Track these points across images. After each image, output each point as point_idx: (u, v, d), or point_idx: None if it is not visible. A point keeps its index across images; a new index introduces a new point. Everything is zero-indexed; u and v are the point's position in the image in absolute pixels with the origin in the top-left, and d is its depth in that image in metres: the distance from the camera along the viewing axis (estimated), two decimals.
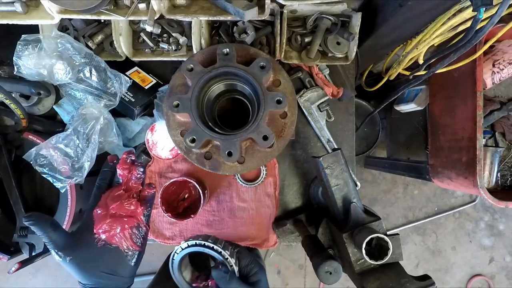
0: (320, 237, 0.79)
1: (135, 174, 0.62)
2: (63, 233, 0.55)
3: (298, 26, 0.84)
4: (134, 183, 0.62)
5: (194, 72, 0.70)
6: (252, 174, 0.93)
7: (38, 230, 0.53)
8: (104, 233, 0.56)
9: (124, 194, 0.60)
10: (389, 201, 2.25)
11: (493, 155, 1.17)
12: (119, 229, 0.57)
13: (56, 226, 0.55)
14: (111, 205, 0.58)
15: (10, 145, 0.81)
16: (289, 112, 0.73)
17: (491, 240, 2.23)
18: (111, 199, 0.58)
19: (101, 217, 0.57)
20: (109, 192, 0.61)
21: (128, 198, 0.59)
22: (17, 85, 0.79)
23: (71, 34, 0.79)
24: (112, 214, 0.57)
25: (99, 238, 0.56)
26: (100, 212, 0.58)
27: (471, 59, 1.00)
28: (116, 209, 0.58)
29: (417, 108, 1.48)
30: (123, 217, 0.58)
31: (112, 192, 0.60)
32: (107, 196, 0.60)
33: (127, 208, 0.58)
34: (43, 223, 0.53)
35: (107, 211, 0.57)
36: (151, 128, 0.83)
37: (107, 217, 0.57)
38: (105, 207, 0.58)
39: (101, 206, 0.58)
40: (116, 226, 0.57)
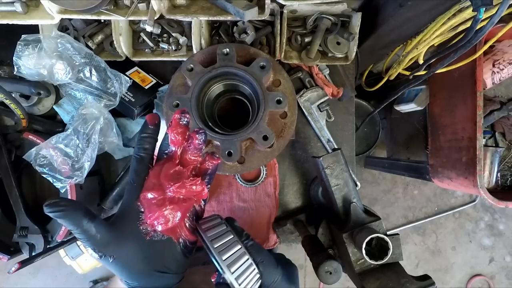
0: (320, 237, 0.79)
1: (195, 143, 0.46)
2: (103, 226, 0.42)
3: (298, 26, 0.84)
4: (192, 154, 0.47)
5: (194, 72, 0.70)
6: (252, 174, 0.93)
7: (69, 223, 0.40)
8: (161, 224, 0.44)
9: (183, 171, 0.46)
10: (389, 201, 2.25)
11: (493, 155, 1.17)
12: (179, 217, 0.45)
13: (93, 217, 0.42)
14: (169, 186, 0.44)
15: (10, 145, 0.81)
16: (289, 112, 0.73)
17: (491, 240, 2.23)
18: (168, 178, 0.44)
19: (156, 204, 0.44)
20: (158, 167, 0.46)
21: (189, 176, 0.46)
22: (17, 85, 0.79)
23: (71, 34, 0.79)
24: (171, 197, 0.44)
25: (150, 230, 0.44)
26: (155, 197, 0.44)
27: (471, 59, 1.00)
28: (177, 191, 0.44)
29: (417, 108, 1.48)
30: (183, 201, 0.45)
31: (166, 169, 0.45)
32: (157, 174, 0.45)
33: (191, 190, 0.45)
34: (75, 213, 0.40)
35: (164, 195, 0.44)
36: None
37: (165, 203, 0.44)
38: (159, 189, 0.44)
39: (154, 189, 0.44)
40: (176, 214, 0.44)
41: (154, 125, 0.47)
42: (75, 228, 0.40)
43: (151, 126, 0.47)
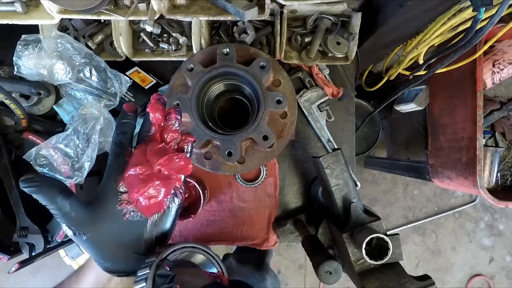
0: (320, 237, 0.79)
1: (173, 119, 0.48)
2: (79, 203, 0.43)
3: (298, 26, 0.84)
4: (171, 130, 0.48)
5: (194, 72, 0.70)
6: (252, 174, 0.93)
7: (43, 199, 0.40)
8: (146, 199, 0.44)
9: (168, 147, 0.47)
10: (389, 201, 2.25)
11: (493, 155, 1.17)
12: (162, 195, 0.45)
13: (68, 193, 0.42)
14: (157, 160, 0.44)
15: (10, 145, 0.81)
16: (289, 112, 0.73)
17: (491, 240, 2.23)
18: (154, 153, 0.45)
19: (144, 179, 0.44)
20: (142, 147, 0.47)
21: (172, 151, 0.47)
22: (17, 85, 0.79)
23: (71, 34, 0.79)
24: (158, 172, 0.45)
25: (128, 210, 0.44)
26: (142, 172, 0.44)
27: (471, 59, 1.00)
28: (165, 164, 0.45)
29: (417, 108, 1.48)
30: (167, 178, 0.45)
31: (151, 146, 0.47)
32: (142, 152, 0.46)
33: (177, 163, 0.46)
34: (49, 189, 0.40)
35: (151, 169, 0.44)
36: None
37: (153, 178, 0.44)
38: (146, 165, 0.45)
39: (141, 164, 0.44)
40: (160, 190, 0.45)
41: (132, 111, 0.50)
42: (49, 204, 0.41)
43: (130, 114, 0.49)
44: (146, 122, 0.49)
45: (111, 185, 0.45)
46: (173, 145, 0.49)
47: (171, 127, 0.49)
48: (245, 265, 0.98)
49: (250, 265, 0.99)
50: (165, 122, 0.49)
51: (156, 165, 0.45)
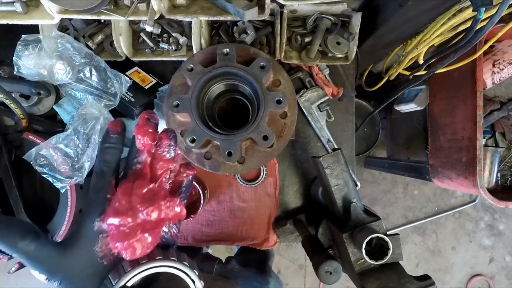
0: (320, 237, 0.79)
1: (165, 143, 0.41)
2: (49, 246, 0.37)
3: (298, 26, 0.84)
4: (162, 158, 0.41)
5: (194, 72, 0.70)
6: (252, 174, 0.93)
7: (4, 246, 0.35)
8: (129, 254, 0.38)
9: (158, 190, 0.40)
10: (389, 201, 2.25)
11: (493, 155, 1.17)
12: (150, 244, 0.39)
13: (35, 235, 0.36)
14: (143, 209, 0.38)
15: (10, 145, 0.81)
16: (289, 112, 0.73)
17: (491, 240, 2.23)
18: (140, 199, 0.39)
19: (125, 232, 0.38)
20: (127, 185, 0.40)
21: (165, 195, 0.40)
22: (17, 85, 0.79)
23: (71, 34, 0.79)
24: (143, 223, 0.38)
25: (110, 254, 0.38)
26: (125, 223, 0.38)
27: (471, 59, 1.00)
28: (151, 215, 0.39)
29: (417, 108, 1.48)
30: (155, 226, 0.39)
31: (137, 187, 0.39)
32: (127, 193, 0.39)
33: (167, 213, 0.40)
34: (7, 233, 0.35)
35: (134, 220, 0.38)
36: None
37: (137, 232, 0.38)
38: (130, 213, 0.38)
39: (123, 213, 0.38)
40: (147, 241, 0.38)
41: (117, 133, 0.41)
42: (11, 251, 0.35)
43: (113, 135, 0.41)
44: (134, 148, 0.42)
45: (90, 226, 0.39)
46: (165, 180, 0.41)
47: (163, 156, 0.41)
48: (247, 268, 0.98)
49: (253, 268, 0.99)
50: (156, 149, 0.41)
51: (141, 214, 0.38)
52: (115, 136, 0.41)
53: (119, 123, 0.42)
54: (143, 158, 0.41)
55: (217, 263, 0.99)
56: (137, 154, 0.41)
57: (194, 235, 0.93)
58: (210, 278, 0.86)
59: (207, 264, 0.97)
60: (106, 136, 0.41)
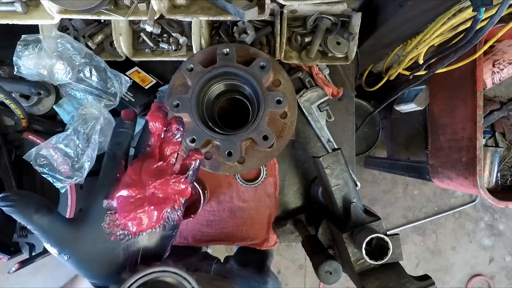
0: (320, 237, 0.79)
1: (174, 130, 0.44)
2: (61, 221, 0.40)
3: (298, 26, 0.84)
4: (171, 142, 0.45)
5: (194, 72, 0.70)
6: (252, 174, 0.93)
7: (19, 217, 0.38)
8: (136, 225, 0.41)
9: (166, 167, 0.43)
10: (389, 201, 2.25)
11: (493, 155, 1.17)
12: (155, 219, 0.42)
13: (49, 210, 0.39)
14: (151, 183, 0.41)
15: (10, 145, 0.81)
16: (289, 112, 0.73)
17: (491, 240, 2.23)
18: (149, 174, 0.42)
19: (134, 203, 0.40)
20: (137, 164, 0.43)
21: (172, 173, 0.43)
22: (17, 85, 0.79)
23: (71, 34, 0.79)
24: (150, 196, 0.41)
25: (117, 230, 0.41)
26: (132, 195, 0.40)
27: (471, 59, 1.00)
28: (159, 188, 0.41)
29: (417, 108, 1.48)
30: (162, 201, 0.42)
31: (147, 164, 0.42)
32: (137, 170, 0.42)
33: (174, 188, 0.42)
34: (25, 208, 0.38)
35: (143, 193, 0.41)
36: None
37: (144, 204, 0.41)
38: (139, 186, 0.41)
39: (133, 185, 0.41)
40: (153, 214, 0.41)
41: (130, 120, 0.45)
42: (26, 223, 0.38)
43: (126, 121, 0.45)
44: (145, 132, 0.45)
45: (99, 203, 0.41)
46: (173, 160, 0.44)
47: (172, 139, 0.45)
48: (246, 268, 0.98)
49: (251, 268, 0.99)
50: (165, 133, 0.45)
51: (149, 188, 0.41)
52: (128, 122, 0.45)
53: (132, 112, 0.46)
54: (153, 141, 0.45)
55: (216, 262, 0.99)
56: (148, 138, 0.45)
57: (194, 235, 0.93)
58: (208, 278, 0.86)
59: (205, 263, 0.97)
60: (119, 121, 0.45)
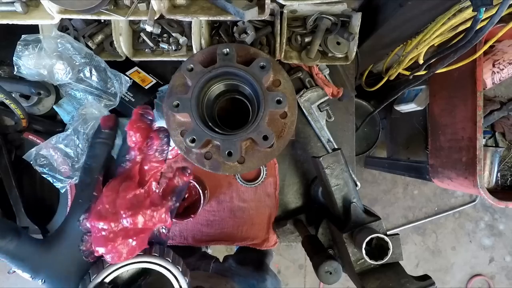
0: (320, 237, 0.79)
1: (157, 143, 0.39)
2: (32, 245, 0.37)
3: (298, 26, 0.84)
4: (153, 159, 0.39)
5: (194, 72, 0.69)
6: (252, 174, 0.93)
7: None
8: (113, 258, 0.37)
9: (144, 197, 0.38)
10: (389, 201, 2.25)
11: (493, 155, 1.17)
12: (137, 247, 0.38)
13: (16, 233, 0.36)
14: (126, 216, 0.36)
15: (10, 145, 0.81)
16: (289, 112, 0.73)
17: (491, 240, 2.23)
18: (125, 205, 0.37)
19: (107, 237, 0.36)
20: (113, 185, 0.38)
21: (150, 204, 0.38)
22: (17, 85, 0.79)
23: (71, 34, 0.79)
24: (125, 229, 0.37)
25: (94, 252, 0.37)
26: (107, 228, 0.36)
27: (471, 59, 1.00)
28: (134, 223, 0.37)
29: (417, 108, 1.48)
30: (140, 232, 0.38)
31: (123, 191, 0.37)
32: (112, 195, 0.37)
33: (151, 221, 0.38)
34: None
35: (117, 225, 0.37)
36: None
37: (119, 236, 0.36)
38: (113, 218, 0.36)
39: (105, 217, 0.36)
40: (131, 245, 0.37)
41: (109, 128, 0.40)
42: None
43: (104, 130, 0.40)
44: (125, 144, 0.40)
45: (74, 224, 0.38)
46: (155, 185, 0.39)
47: (153, 157, 0.39)
48: (244, 266, 0.98)
49: (250, 266, 0.99)
50: (147, 147, 0.39)
51: (124, 220, 0.36)
52: (106, 131, 0.40)
53: (112, 118, 0.41)
54: (133, 156, 0.39)
55: (214, 261, 0.99)
56: (128, 151, 0.39)
57: (194, 235, 0.93)
58: (205, 276, 0.86)
59: (203, 262, 0.97)
60: (97, 130, 0.40)
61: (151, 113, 0.40)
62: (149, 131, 0.39)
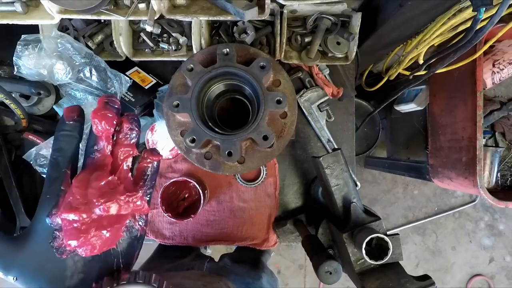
0: (320, 237, 0.79)
1: (125, 127, 0.38)
2: (3, 241, 0.37)
3: (298, 26, 0.84)
4: (125, 144, 0.38)
5: (194, 72, 0.69)
6: (252, 174, 0.93)
7: None
8: (86, 251, 0.36)
9: (116, 181, 0.36)
10: (389, 201, 2.25)
11: (493, 155, 1.17)
12: (111, 238, 0.36)
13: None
14: (99, 204, 0.35)
15: (10, 145, 0.81)
16: (289, 112, 0.73)
17: (491, 240, 2.23)
18: (97, 193, 0.35)
19: (79, 229, 0.35)
20: (83, 176, 0.36)
21: (124, 189, 0.36)
22: (17, 85, 0.79)
23: (71, 34, 0.79)
24: (99, 219, 0.35)
25: (69, 249, 0.36)
26: (79, 219, 0.34)
27: (471, 59, 1.00)
28: (109, 211, 0.35)
29: (417, 108, 1.48)
30: (115, 220, 0.36)
31: (95, 179, 0.36)
32: (82, 186, 0.36)
33: (127, 208, 0.36)
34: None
35: (89, 215, 0.35)
36: (151, 128, 0.83)
37: (92, 227, 0.35)
38: (84, 208, 0.35)
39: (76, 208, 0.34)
40: (105, 237, 0.36)
41: (73, 119, 0.37)
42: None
43: (68, 122, 0.37)
44: (92, 134, 0.38)
45: (42, 220, 0.37)
46: (127, 168, 0.38)
47: (124, 141, 0.38)
48: (240, 264, 0.98)
49: (245, 264, 0.99)
50: (117, 134, 0.38)
51: (97, 209, 0.35)
52: (70, 122, 0.38)
53: (76, 108, 0.38)
54: (101, 146, 0.38)
55: (208, 261, 0.99)
56: (95, 142, 0.38)
57: (194, 235, 0.93)
58: (198, 275, 0.85)
59: (198, 262, 0.97)
60: (60, 122, 0.38)
61: (117, 101, 0.39)
62: (115, 118, 0.38)
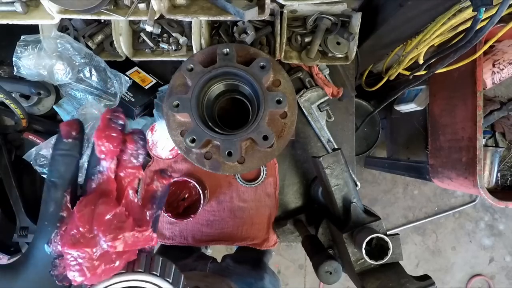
0: (320, 237, 0.79)
1: (132, 149, 0.34)
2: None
3: (298, 26, 0.84)
4: (130, 167, 0.34)
5: (194, 72, 0.70)
6: (252, 174, 0.93)
7: None
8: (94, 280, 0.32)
9: (124, 212, 0.33)
10: (389, 201, 2.25)
11: (493, 155, 1.17)
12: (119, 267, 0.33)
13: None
14: (106, 241, 0.31)
15: (10, 145, 0.81)
16: (289, 112, 0.73)
17: (491, 240, 2.23)
18: (105, 229, 0.31)
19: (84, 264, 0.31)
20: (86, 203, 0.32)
21: (134, 222, 0.33)
22: (17, 85, 0.79)
23: (71, 34, 0.79)
24: (105, 254, 0.32)
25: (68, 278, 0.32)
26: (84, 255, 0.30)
27: (471, 59, 1.00)
28: (116, 247, 0.31)
29: (417, 108, 1.48)
30: (122, 254, 0.32)
31: (101, 209, 0.32)
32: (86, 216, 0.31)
33: (134, 244, 0.33)
34: None
35: (96, 249, 0.31)
36: (151, 128, 0.83)
37: (100, 264, 0.31)
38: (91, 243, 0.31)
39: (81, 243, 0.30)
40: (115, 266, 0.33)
41: (72, 137, 0.33)
42: None
43: (66, 140, 0.33)
44: (94, 155, 0.34)
45: (41, 248, 0.33)
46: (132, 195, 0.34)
47: (128, 163, 0.34)
48: (242, 265, 0.98)
49: (247, 265, 0.99)
50: (121, 155, 0.33)
51: (104, 245, 0.31)
52: (69, 141, 0.33)
53: (74, 124, 0.34)
54: (105, 167, 0.34)
55: (211, 262, 0.99)
56: (98, 163, 0.34)
57: (194, 235, 0.93)
58: (200, 275, 0.85)
59: (200, 263, 0.97)
60: (57, 140, 0.33)
61: (122, 117, 0.34)
62: (121, 138, 0.34)
